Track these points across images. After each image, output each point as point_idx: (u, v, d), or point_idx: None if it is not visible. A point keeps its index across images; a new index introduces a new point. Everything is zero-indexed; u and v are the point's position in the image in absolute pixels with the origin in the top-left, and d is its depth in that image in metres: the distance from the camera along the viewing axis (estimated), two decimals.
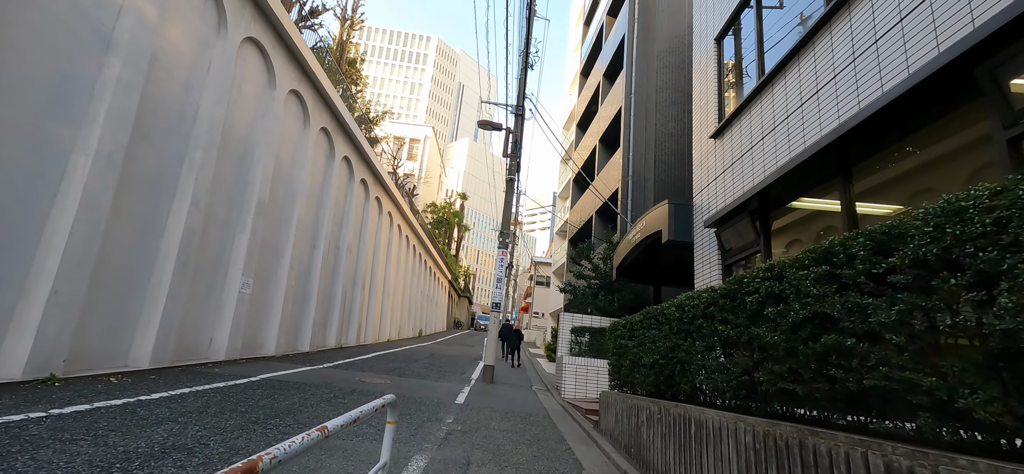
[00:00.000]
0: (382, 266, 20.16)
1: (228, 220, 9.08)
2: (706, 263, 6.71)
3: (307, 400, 6.06)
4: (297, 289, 12.12)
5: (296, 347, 12.24)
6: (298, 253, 11.97)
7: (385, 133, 29.34)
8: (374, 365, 11.23)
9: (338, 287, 14.82)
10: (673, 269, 10.46)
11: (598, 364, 10.04)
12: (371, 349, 15.65)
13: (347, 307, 15.98)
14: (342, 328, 15.33)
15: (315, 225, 13.13)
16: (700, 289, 3.69)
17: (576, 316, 11.38)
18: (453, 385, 9.58)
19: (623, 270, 10.39)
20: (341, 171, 14.90)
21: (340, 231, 15.14)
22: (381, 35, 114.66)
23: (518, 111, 12.24)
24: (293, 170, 11.59)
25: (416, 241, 27.00)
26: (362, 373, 9.62)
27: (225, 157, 8.84)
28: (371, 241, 18.40)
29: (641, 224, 8.57)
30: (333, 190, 13.86)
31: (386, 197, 19.97)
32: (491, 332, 11.17)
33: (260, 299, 10.33)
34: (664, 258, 9.79)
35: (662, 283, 10.53)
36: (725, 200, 6.23)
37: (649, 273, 10.53)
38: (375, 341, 19.19)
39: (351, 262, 16.17)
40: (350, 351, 14.10)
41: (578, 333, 10.79)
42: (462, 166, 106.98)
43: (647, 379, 4.78)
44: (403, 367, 11.53)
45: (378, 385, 8.24)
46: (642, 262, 10.13)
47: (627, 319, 5.86)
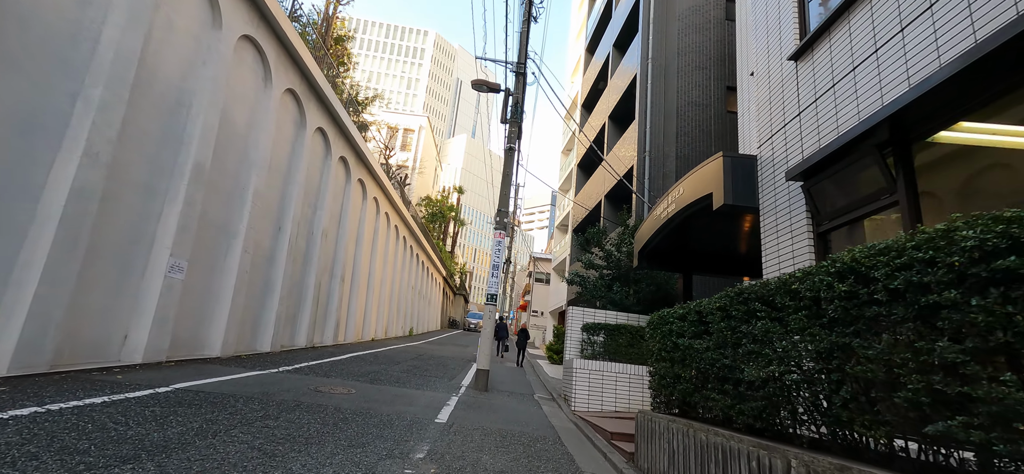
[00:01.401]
0: (366, 257, 18.23)
1: (151, 185, 7.15)
2: (783, 233, 4.84)
3: (215, 425, 4.15)
4: (255, 278, 10.19)
5: (254, 347, 10.31)
6: (257, 235, 10.05)
7: (375, 117, 27.38)
8: (345, 368, 9.32)
9: (310, 278, 12.89)
10: (708, 254, 8.58)
11: (617, 370, 8.16)
12: (349, 349, 13.73)
13: (322, 301, 14.05)
14: (315, 325, 13.40)
15: (280, 204, 11.20)
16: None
17: (587, 311, 9.49)
18: (437, 395, 7.69)
19: (646, 255, 8.51)
20: (315, 145, 12.96)
21: (314, 214, 13.21)
22: (377, 28, 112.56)
23: (519, 69, 10.35)
24: (249, 135, 9.66)
25: (407, 232, 25.08)
26: (325, 379, 7.72)
27: (144, 103, 6.91)
28: (353, 228, 16.47)
29: (676, 192, 6.69)
30: (304, 165, 11.93)
31: (372, 181, 18.05)
32: (486, 331, 9.27)
33: (200, 287, 8.40)
34: (699, 238, 7.92)
35: (694, 270, 8.68)
36: (818, 141, 4.35)
37: (678, 258, 8.66)
38: (357, 340, 17.26)
39: (327, 250, 14.24)
40: (323, 351, 12.18)
41: (591, 331, 8.90)
42: (459, 163, 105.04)
43: (742, 404, 2.91)
44: (380, 371, 9.62)
45: (338, 396, 6.33)
46: (670, 245, 8.26)
47: (689, 307, 4.00)
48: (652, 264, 8.65)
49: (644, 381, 8.13)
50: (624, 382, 8.14)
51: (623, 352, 8.50)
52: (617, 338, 8.59)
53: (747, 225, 6.50)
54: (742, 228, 6.72)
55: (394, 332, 23.26)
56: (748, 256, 8.30)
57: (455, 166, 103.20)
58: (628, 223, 11.04)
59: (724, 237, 7.51)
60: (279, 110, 10.74)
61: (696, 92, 12.29)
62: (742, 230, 6.82)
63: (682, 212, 6.50)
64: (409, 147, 42.75)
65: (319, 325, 13.86)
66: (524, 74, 10.38)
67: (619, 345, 8.54)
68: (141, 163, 6.93)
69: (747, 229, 6.65)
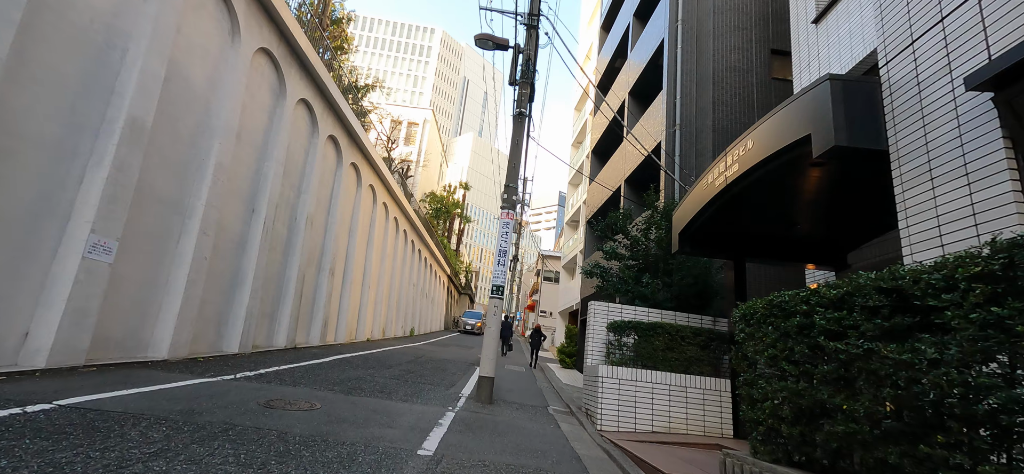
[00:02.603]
0: (361, 250, 16.71)
1: (66, 143, 5.64)
2: (947, 179, 3.18)
3: (57, 471, 2.58)
4: (219, 266, 8.67)
5: (218, 347, 8.79)
6: (221, 216, 8.53)
7: (374, 104, 25.90)
8: (322, 374, 7.76)
9: (291, 269, 11.37)
10: (766, 236, 6.91)
11: (654, 380, 6.54)
12: (338, 350, 12.19)
13: (307, 296, 12.53)
14: (298, 323, 11.87)
15: (253, 182, 9.68)
16: None
17: (613, 307, 7.86)
18: (429, 409, 6.11)
19: (688, 238, 6.87)
20: (298, 120, 11.45)
21: (297, 198, 11.70)
22: (383, 26, 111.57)
23: (531, 21, 8.74)
24: (211, 97, 8.15)
25: (408, 226, 23.56)
26: (289, 390, 6.17)
27: (55, 36, 5.41)
28: (345, 217, 14.95)
29: (739, 149, 5.06)
30: (283, 140, 10.42)
31: (368, 167, 16.53)
32: (490, 331, 7.67)
33: (140, 275, 6.88)
34: (760, 213, 6.25)
35: (748, 256, 7.01)
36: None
37: (728, 241, 7.00)
38: (349, 340, 15.74)
39: (314, 239, 12.72)
40: (304, 353, 10.64)
41: (619, 332, 7.27)
42: (466, 161, 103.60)
43: None
44: (364, 378, 8.05)
45: (293, 414, 4.77)
46: (720, 224, 6.61)
47: (827, 288, 2.46)
48: (695, 249, 7.00)
49: (688, 395, 6.49)
50: (663, 395, 6.50)
51: (660, 357, 6.86)
52: (652, 340, 6.95)
53: (845, 181, 4.85)
54: (831, 189, 5.07)
55: (393, 332, 21.74)
56: (823, 236, 6.62)
57: (462, 165, 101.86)
58: (657, 205, 9.38)
59: (795, 208, 5.85)
60: (252, 73, 9.22)
61: (735, 56, 10.60)
62: (830, 193, 5.17)
63: (751, 172, 4.86)
64: (413, 141, 41.30)
65: (303, 323, 12.34)
66: (536, 27, 8.77)
67: (655, 349, 6.90)
68: (50, 113, 5.42)
69: (843, 189, 5.00)
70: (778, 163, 4.44)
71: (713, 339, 6.99)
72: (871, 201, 5.28)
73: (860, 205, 5.43)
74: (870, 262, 6.56)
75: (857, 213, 5.64)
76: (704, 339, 6.96)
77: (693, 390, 6.58)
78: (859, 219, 5.76)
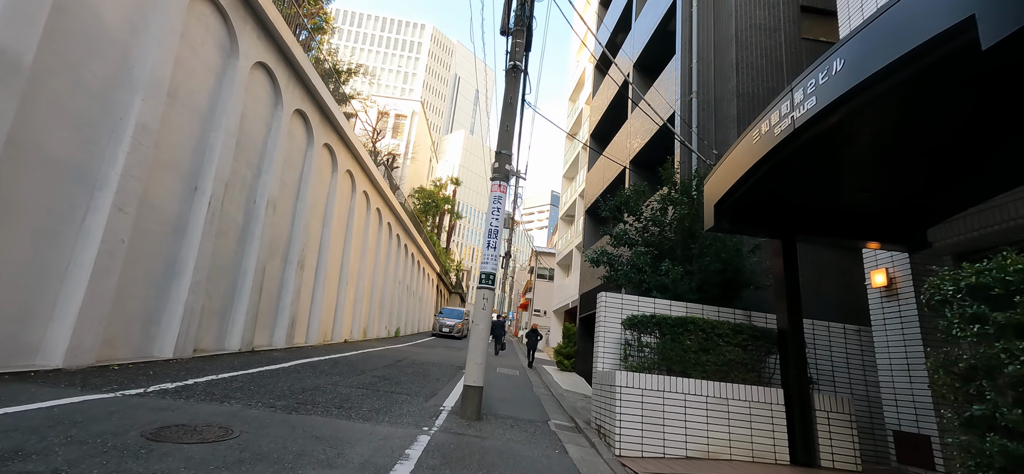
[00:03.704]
0: (337, 242, 15.13)
1: None
2: None
3: None
4: (145, 252, 7.09)
5: (146, 352, 7.21)
6: (146, 190, 6.96)
7: (357, 92, 24.27)
8: (270, 384, 6.23)
9: (249, 260, 9.79)
10: (825, 210, 5.50)
11: (686, 390, 5.12)
12: (306, 353, 10.62)
13: (270, 292, 10.95)
14: (258, 322, 10.28)
15: (195, 153, 8.10)
16: None
17: (628, 299, 6.44)
18: (396, 432, 4.63)
19: (727, 212, 5.45)
20: (256, 86, 9.88)
21: (257, 178, 10.12)
22: (372, 22, 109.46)
23: None
24: (131, 41, 6.58)
25: (392, 218, 21.97)
26: (212, 407, 4.66)
27: None
28: (318, 204, 13.37)
29: (830, 69, 3.64)
30: (235, 107, 8.85)
31: (345, 150, 14.95)
32: (478, 330, 6.20)
33: (18, 257, 5.30)
34: (828, 175, 4.84)
35: (800, 233, 5.59)
36: None
37: (775, 216, 5.59)
38: (324, 342, 14.15)
39: (279, 227, 11.14)
40: (264, 357, 9.08)
41: (639, 329, 5.84)
42: (457, 159, 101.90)
43: None
44: (324, 388, 6.53)
45: (193, 449, 3.26)
46: (770, 192, 5.19)
47: None
48: (735, 224, 5.57)
49: (730, 408, 5.07)
50: (698, 409, 5.07)
51: (692, 361, 5.43)
52: (682, 339, 5.52)
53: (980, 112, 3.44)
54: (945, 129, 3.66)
55: (376, 333, 20.14)
56: (897, 206, 5.23)
57: (453, 163, 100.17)
58: (675, 180, 7.96)
59: (882, 164, 4.44)
60: (189, 21, 7.66)
61: (760, 13, 9.23)
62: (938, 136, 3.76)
63: (844, 101, 3.44)
64: (401, 133, 39.66)
65: (264, 323, 10.75)
66: None
67: (685, 350, 5.47)
68: None
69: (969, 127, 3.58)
70: (900, 77, 3.02)
71: (756, 337, 5.58)
72: (989, 149, 3.90)
73: (974, 155, 4.05)
74: (958, 240, 5.19)
75: (965, 168, 4.26)
76: (745, 338, 5.55)
77: (737, 403, 5.16)
78: (965, 177, 4.38)
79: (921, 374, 5.17)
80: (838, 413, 5.16)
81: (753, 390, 5.23)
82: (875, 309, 5.90)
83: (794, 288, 5.46)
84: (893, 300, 5.71)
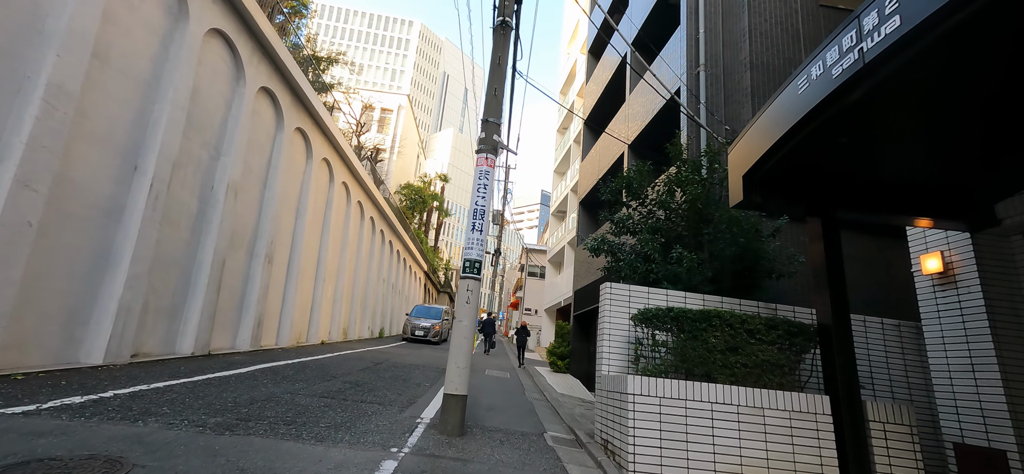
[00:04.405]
0: (313, 235, 14.01)
1: None
2: None
3: None
4: (66, 238, 5.99)
5: (67, 357, 6.09)
6: (65, 165, 5.86)
7: (338, 81, 23.07)
8: (211, 396, 5.19)
9: (204, 252, 8.69)
10: (873, 182, 4.61)
11: (714, 398, 4.21)
12: (273, 356, 9.53)
13: (232, 288, 9.83)
14: (216, 322, 9.17)
15: (134, 127, 7.00)
16: None
17: (637, 289, 5.52)
18: (356, 456, 3.65)
19: (759, 183, 4.55)
20: (212, 57, 8.79)
21: (214, 161, 9.02)
22: (359, 18, 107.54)
23: None
24: None
25: (375, 213, 20.83)
26: (118, 428, 3.64)
27: None
28: (290, 194, 12.25)
29: None
30: (185, 78, 7.76)
31: (320, 136, 13.85)
32: (462, 327, 5.23)
33: None
34: (890, 134, 3.95)
35: (843, 208, 4.71)
36: None
37: (814, 188, 4.69)
38: (297, 343, 13.03)
39: (242, 216, 10.03)
40: (219, 362, 7.98)
41: (653, 324, 4.92)
42: (446, 157, 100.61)
43: None
44: (278, 398, 5.50)
45: None
46: (806, 157, 4.30)
47: None
48: (768, 200, 4.66)
49: (767, 419, 4.18)
50: (728, 421, 4.16)
51: (718, 362, 4.52)
52: (705, 336, 4.60)
53: None
54: None
55: (358, 333, 19.01)
56: (959, 178, 4.37)
57: (441, 160, 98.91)
58: (684, 156, 7.07)
59: (958, 118, 3.56)
60: None
61: None
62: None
63: (943, 15, 2.55)
64: (387, 128, 38.41)
65: (224, 323, 9.63)
66: None
67: (710, 349, 4.55)
68: None
69: None
70: None
71: (792, 334, 4.68)
72: None
73: None
74: None
75: None
76: (781, 334, 4.65)
77: (775, 413, 4.26)
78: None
79: (992, 377, 4.32)
80: (896, 424, 4.28)
81: (793, 397, 4.33)
82: (926, 300, 5.05)
83: (838, 275, 4.57)
84: (950, 288, 4.86)
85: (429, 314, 20.28)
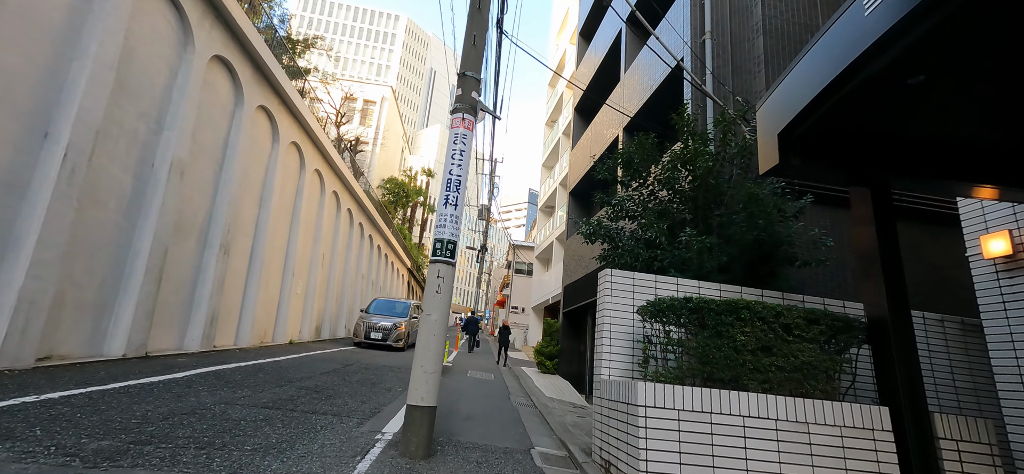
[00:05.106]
0: (280, 226, 12.86)
1: None
2: None
3: None
4: None
5: None
6: None
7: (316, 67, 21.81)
8: (110, 409, 4.13)
9: (141, 238, 7.55)
10: (933, 142, 3.76)
11: (744, 408, 3.26)
12: (224, 358, 8.41)
13: (178, 281, 8.68)
14: (156, 319, 8.01)
15: (42, 87, 5.86)
16: None
17: (643, 277, 4.60)
18: None
19: (798, 144, 3.68)
20: (150, 15, 7.66)
21: (156, 135, 7.87)
22: (345, 11, 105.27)
23: None
24: None
25: (353, 204, 19.67)
26: None
27: None
28: (252, 178, 11.10)
29: None
30: (113, 34, 6.64)
31: (290, 119, 12.71)
32: (431, 321, 4.25)
33: None
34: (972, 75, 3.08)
35: (896, 174, 3.86)
36: None
37: (862, 149, 3.82)
38: (261, 343, 11.87)
39: (191, 199, 8.89)
40: (154, 365, 6.86)
41: (666, 318, 4.00)
42: (433, 154, 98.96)
43: None
44: (205, 411, 4.46)
45: None
46: (860, 108, 3.43)
47: None
48: (808, 164, 3.78)
49: (812, 436, 3.30)
50: (764, 438, 3.27)
51: (747, 365, 3.64)
52: (731, 333, 3.70)
53: None
54: None
55: (333, 332, 17.84)
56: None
57: (428, 158, 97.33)
58: (692, 126, 6.17)
59: None
60: None
61: None
62: None
63: None
64: (369, 121, 37.09)
65: (169, 320, 8.48)
66: None
67: (738, 349, 3.65)
68: None
69: None
70: None
71: (838, 330, 3.81)
72: None
73: None
74: None
75: None
76: (823, 329, 3.77)
77: (822, 429, 3.37)
78: None
79: None
80: (973, 442, 3.44)
81: (844, 409, 3.45)
82: (988, 290, 4.23)
83: (894, 258, 3.71)
84: (1019, 274, 4.05)
85: (392, 310, 15.38)
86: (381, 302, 15.92)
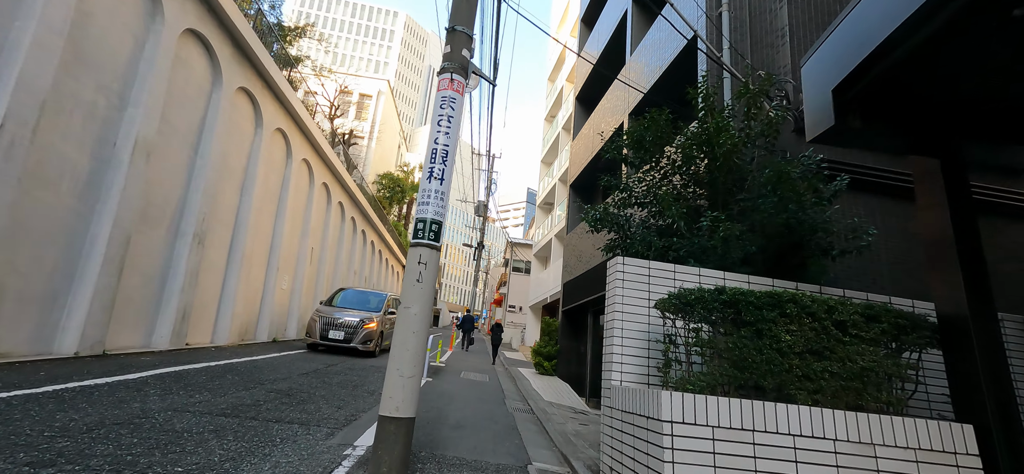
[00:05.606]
0: (264, 218, 12.15)
1: None
2: None
3: None
4: None
5: None
6: None
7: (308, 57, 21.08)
8: (24, 419, 3.43)
9: (100, 224, 6.84)
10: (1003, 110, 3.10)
11: (794, 426, 2.52)
12: (193, 357, 7.69)
13: (145, 272, 7.97)
14: (112, 313, 7.29)
15: None
16: None
17: (659, 266, 3.92)
18: None
19: (857, 101, 3.01)
20: None
21: (118, 111, 7.17)
22: (343, 7, 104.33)
23: None
24: None
25: (344, 197, 18.95)
26: None
27: None
28: (231, 165, 10.39)
29: None
30: None
31: (274, 103, 12.01)
32: (410, 314, 3.55)
33: None
34: None
35: (969, 138, 3.20)
36: None
37: (930, 113, 3.15)
38: (240, 341, 11.15)
39: (158, 184, 8.18)
40: (108, 365, 6.16)
41: (692, 313, 3.29)
42: None
43: None
44: (143, 421, 3.76)
45: None
46: (937, 56, 2.75)
47: None
48: (870, 127, 3.12)
49: (880, 463, 2.57)
50: (821, 465, 2.54)
51: (792, 372, 2.95)
52: (773, 331, 3.02)
53: None
54: None
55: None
56: None
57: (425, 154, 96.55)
58: (711, 101, 5.50)
59: None
60: None
61: None
62: None
63: None
64: (365, 115, 36.34)
65: (132, 315, 7.76)
66: None
67: (784, 352, 2.97)
68: None
69: None
70: None
71: (903, 330, 3.14)
72: None
73: None
74: None
75: None
76: (886, 328, 3.10)
77: (891, 451, 2.71)
78: None
79: None
80: None
81: (918, 427, 2.78)
82: None
83: (973, 245, 3.05)
84: None
85: (364, 304, 11.89)
86: (351, 293, 12.45)
